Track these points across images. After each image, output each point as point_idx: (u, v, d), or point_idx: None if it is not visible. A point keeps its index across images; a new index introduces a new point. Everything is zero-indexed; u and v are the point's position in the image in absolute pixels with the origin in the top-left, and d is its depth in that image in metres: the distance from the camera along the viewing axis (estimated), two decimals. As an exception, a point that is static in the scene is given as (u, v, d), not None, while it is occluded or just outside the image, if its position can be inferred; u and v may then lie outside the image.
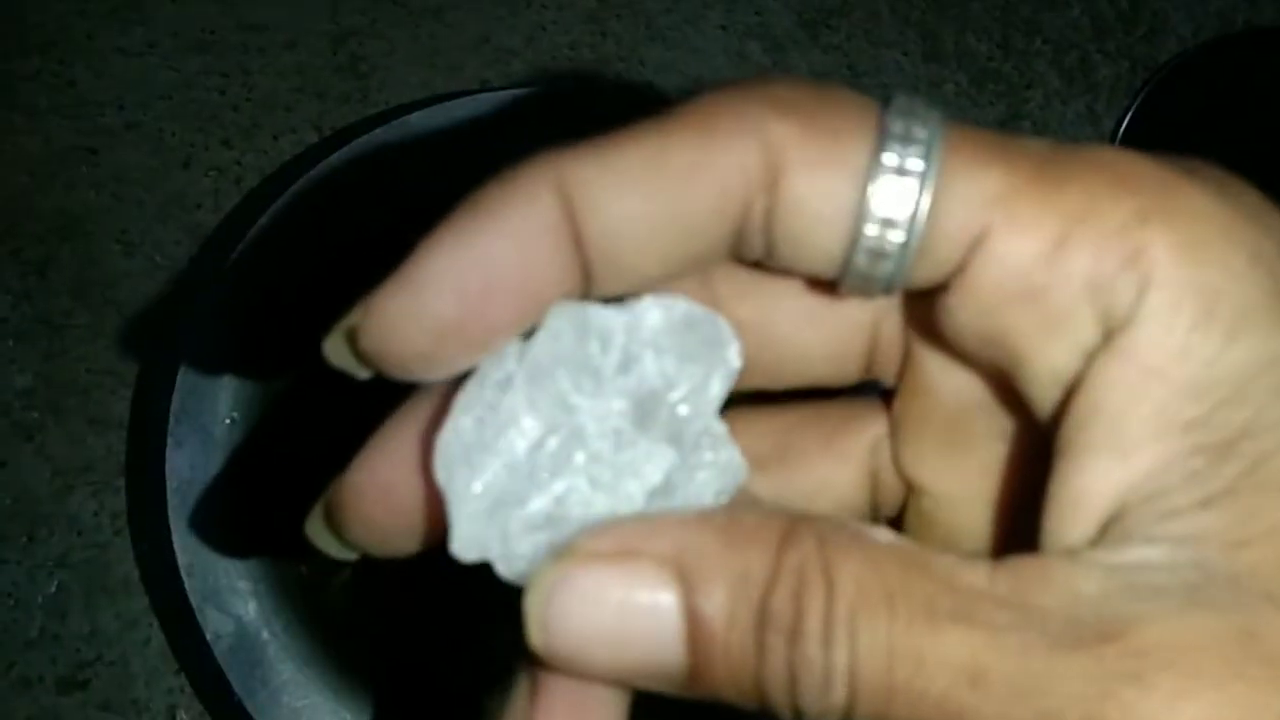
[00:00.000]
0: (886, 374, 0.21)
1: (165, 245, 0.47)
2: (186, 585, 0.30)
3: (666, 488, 0.18)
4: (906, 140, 0.17)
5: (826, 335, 0.20)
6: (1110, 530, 0.16)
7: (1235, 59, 0.56)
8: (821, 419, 0.22)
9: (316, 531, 0.20)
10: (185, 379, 0.32)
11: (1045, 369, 0.17)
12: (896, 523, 0.22)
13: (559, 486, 0.17)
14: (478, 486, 0.17)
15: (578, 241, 0.17)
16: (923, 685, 0.15)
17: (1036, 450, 0.19)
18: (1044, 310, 0.17)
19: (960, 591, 0.16)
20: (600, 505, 0.17)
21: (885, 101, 0.17)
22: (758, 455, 0.21)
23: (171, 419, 0.32)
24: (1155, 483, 0.16)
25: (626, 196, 0.17)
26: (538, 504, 0.17)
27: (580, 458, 0.17)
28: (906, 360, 0.21)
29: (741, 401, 0.20)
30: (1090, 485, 0.17)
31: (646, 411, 0.18)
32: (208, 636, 0.30)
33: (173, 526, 0.31)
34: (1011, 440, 0.20)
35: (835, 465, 0.22)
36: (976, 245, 0.17)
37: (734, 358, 0.18)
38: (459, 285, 0.17)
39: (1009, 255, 0.17)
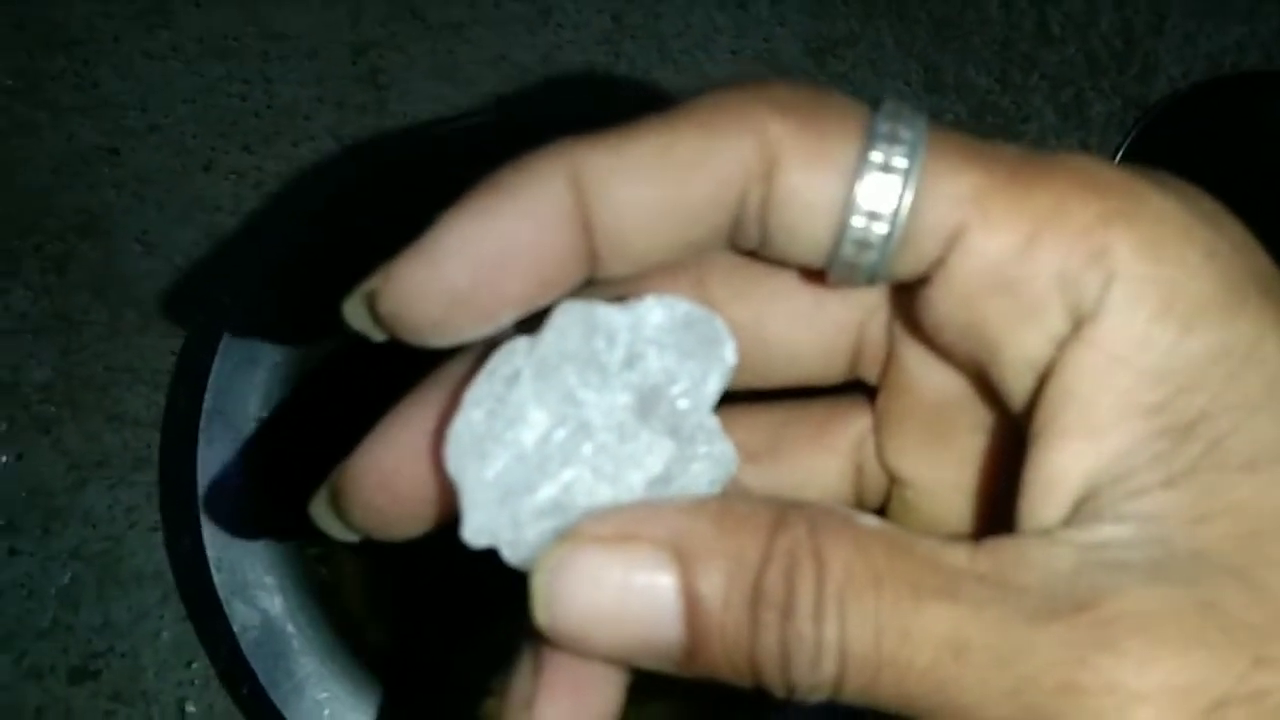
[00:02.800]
0: (870, 372, 0.22)
1: (184, 246, 0.48)
2: (215, 579, 0.31)
3: (665, 477, 0.19)
4: (892, 140, 0.18)
5: (815, 335, 0.21)
6: (1081, 510, 0.18)
7: (1222, 100, 0.58)
8: (809, 415, 0.23)
9: (320, 513, 0.21)
10: (217, 378, 0.33)
11: (1019, 357, 0.18)
12: (880, 513, 0.23)
13: (567, 475, 0.18)
14: (489, 475, 0.18)
15: (586, 225, 0.18)
16: (909, 658, 0.16)
17: (1011, 442, 0.20)
18: (1017, 301, 0.18)
19: (943, 571, 0.17)
20: (603, 494, 0.18)
21: (875, 105, 0.18)
22: (749, 449, 0.22)
23: (203, 417, 0.33)
24: (1122, 464, 0.17)
25: (635, 184, 0.18)
26: (546, 492, 0.18)
27: (588, 448, 0.18)
28: (890, 358, 0.22)
29: (734, 400, 0.21)
30: (1063, 467, 0.18)
31: (649, 405, 0.19)
32: (235, 629, 0.31)
33: (203, 522, 0.32)
34: (988, 433, 0.21)
35: (822, 458, 0.23)
36: (955, 240, 0.18)
37: (730, 355, 0.19)
38: (474, 258, 0.18)
39: (984, 250, 0.18)
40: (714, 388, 0.19)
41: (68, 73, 0.49)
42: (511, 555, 0.18)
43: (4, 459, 0.44)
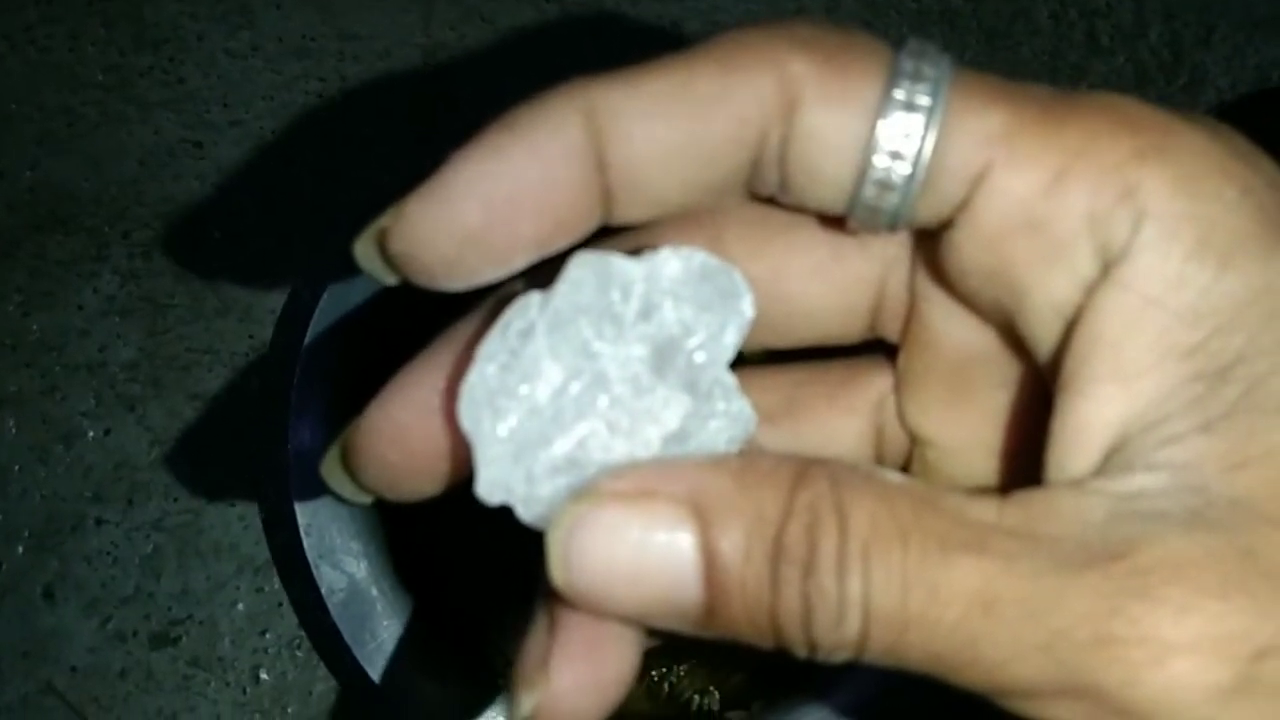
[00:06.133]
0: (891, 330, 0.21)
1: (262, 234, 0.50)
2: (305, 543, 0.33)
3: (681, 434, 0.18)
4: (916, 78, 0.17)
5: (834, 291, 0.21)
6: (1113, 459, 0.17)
7: (1270, 113, 0.59)
8: (828, 375, 0.22)
9: (332, 472, 0.20)
10: (306, 355, 0.35)
11: (1046, 302, 0.18)
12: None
13: (582, 428, 0.18)
14: (503, 430, 0.18)
15: (601, 163, 0.18)
16: (937, 614, 0.16)
17: (1036, 398, 0.19)
18: (1044, 242, 0.17)
19: (970, 525, 0.16)
20: (619, 450, 0.18)
21: (899, 44, 0.18)
22: (766, 409, 0.21)
23: (294, 392, 0.34)
24: (1156, 410, 0.16)
25: (651, 122, 0.17)
26: (561, 446, 0.18)
27: (604, 401, 0.18)
28: (911, 314, 0.21)
29: (751, 360, 0.20)
30: (1093, 415, 0.17)
31: (665, 358, 0.18)
32: (323, 591, 0.33)
33: (293, 489, 0.33)
34: (1012, 389, 0.20)
35: (841, 419, 0.22)
36: (980, 180, 0.17)
37: (748, 308, 0.19)
38: (485, 196, 0.17)
39: (1010, 189, 0.17)
40: (731, 341, 0.18)
41: (155, 69, 0.52)
42: (525, 513, 0.18)
43: (92, 434, 0.46)
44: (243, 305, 0.49)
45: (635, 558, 0.17)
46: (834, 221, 0.19)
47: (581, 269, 0.18)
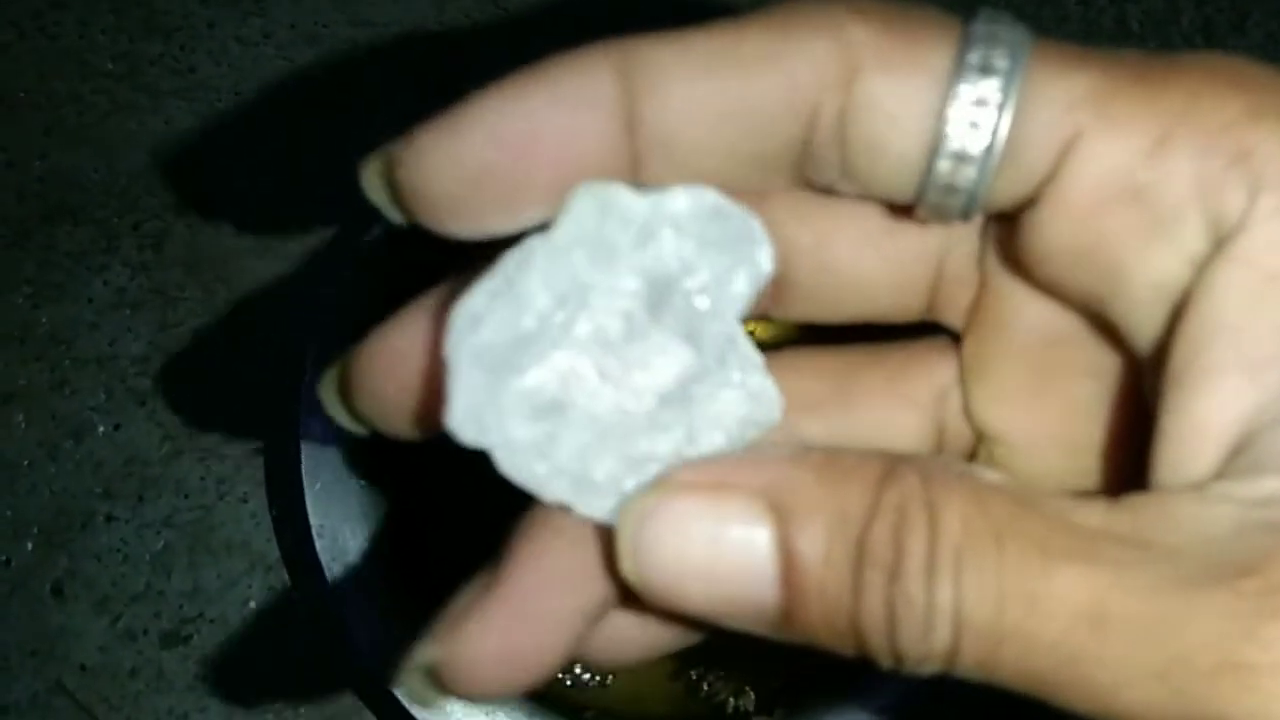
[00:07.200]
0: (950, 313, 0.19)
1: (275, 227, 0.49)
2: (317, 545, 0.32)
3: (683, 397, 0.17)
4: (992, 41, 0.15)
5: (887, 265, 0.19)
6: (1237, 460, 0.15)
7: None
8: (884, 360, 0.20)
9: (328, 395, 0.19)
10: (318, 350, 0.34)
11: (1147, 282, 0.16)
12: None
13: (559, 358, 0.17)
14: (478, 355, 0.17)
15: (631, 120, 0.16)
16: (1036, 628, 0.14)
17: (1126, 389, 0.18)
18: (1147, 213, 0.15)
19: (1075, 531, 0.15)
20: (607, 398, 0.17)
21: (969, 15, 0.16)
22: (813, 396, 0.20)
23: (304, 389, 0.34)
24: None
25: (692, 80, 0.16)
26: (535, 376, 0.17)
27: (583, 329, 0.17)
28: (981, 293, 0.19)
29: (791, 341, 0.19)
30: (1213, 411, 0.15)
31: (660, 296, 0.17)
32: (334, 592, 0.32)
33: (306, 489, 0.33)
34: (1097, 380, 0.18)
35: (898, 410, 0.20)
36: (1068, 150, 0.16)
37: (765, 260, 0.17)
38: (502, 134, 0.16)
39: (1105, 157, 0.15)
40: (741, 290, 0.17)
41: (165, 57, 0.51)
42: (503, 460, 0.17)
43: (102, 429, 0.45)
44: (256, 298, 0.48)
45: (709, 553, 0.16)
46: None
47: (584, 199, 0.17)
